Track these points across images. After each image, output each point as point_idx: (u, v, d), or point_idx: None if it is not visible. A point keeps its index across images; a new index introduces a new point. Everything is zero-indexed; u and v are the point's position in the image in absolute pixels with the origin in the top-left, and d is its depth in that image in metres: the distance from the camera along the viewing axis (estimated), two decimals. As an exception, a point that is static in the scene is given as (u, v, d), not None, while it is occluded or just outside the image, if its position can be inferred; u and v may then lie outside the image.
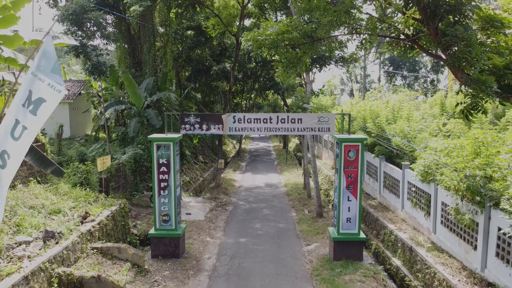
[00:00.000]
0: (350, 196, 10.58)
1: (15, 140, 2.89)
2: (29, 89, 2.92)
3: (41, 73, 2.96)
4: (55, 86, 3.01)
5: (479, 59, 5.85)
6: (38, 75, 2.96)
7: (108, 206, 11.63)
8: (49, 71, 2.97)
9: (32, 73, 2.94)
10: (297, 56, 8.62)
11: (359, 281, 9.29)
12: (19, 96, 2.91)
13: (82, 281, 8.21)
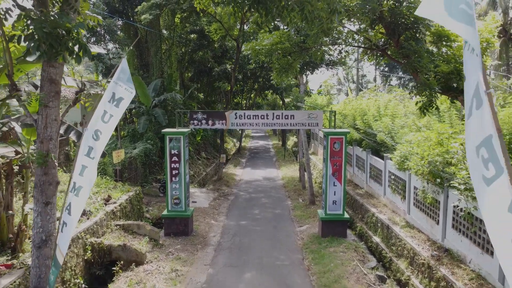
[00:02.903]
0: (336, 181, 12.29)
1: (104, 123, 4.58)
2: (113, 92, 4.57)
3: (120, 81, 4.61)
4: (129, 89, 4.68)
5: (427, 67, 7.54)
6: (118, 83, 4.61)
7: (126, 192, 13.36)
8: (125, 80, 4.64)
9: (114, 81, 4.61)
10: (289, 63, 10.32)
11: (341, 252, 11.01)
12: (105, 96, 4.57)
13: (110, 248, 9.93)
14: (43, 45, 3.92)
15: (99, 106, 4.41)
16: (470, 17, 2.50)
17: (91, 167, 4.64)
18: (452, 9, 2.57)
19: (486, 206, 2.32)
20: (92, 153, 4.60)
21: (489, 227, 2.34)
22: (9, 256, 7.77)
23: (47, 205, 4.89)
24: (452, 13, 2.56)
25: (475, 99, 2.36)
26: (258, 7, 5.20)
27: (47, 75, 4.63)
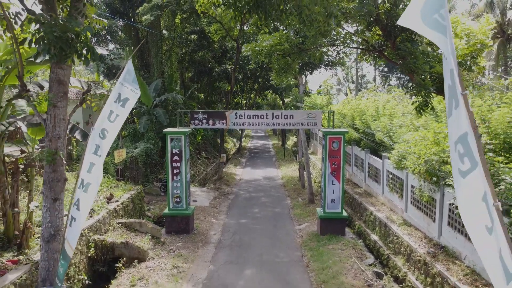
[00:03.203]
0: (334, 180, 12.50)
1: (111, 122, 4.79)
2: (119, 92, 4.77)
3: (126, 82, 4.82)
4: (134, 90, 4.88)
5: (422, 68, 7.75)
6: (124, 84, 4.81)
7: (127, 191, 13.57)
8: (131, 82, 4.84)
9: (120, 82, 4.81)
10: (288, 63, 10.52)
11: (340, 249, 11.21)
12: (111, 96, 4.77)
13: (113, 246, 10.13)
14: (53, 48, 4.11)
15: (105, 106, 4.62)
16: (443, 27, 2.73)
17: (98, 164, 4.84)
18: (427, 19, 2.81)
19: (461, 197, 2.54)
20: (99, 151, 4.81)
21: (464, 216, 2.56)
22: (15, 252, 7.97)
23: (55, 201, 5.09)
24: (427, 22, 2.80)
25: (453, 100, 2.58)
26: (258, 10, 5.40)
27: (56, 76, 4.83)
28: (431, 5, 2.82)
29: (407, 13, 3.11)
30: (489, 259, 2.33)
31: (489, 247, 2.29)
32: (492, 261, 2.26)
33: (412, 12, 2.98)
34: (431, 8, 2.82)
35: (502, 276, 2.18)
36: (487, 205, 2.25)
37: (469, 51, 8.57)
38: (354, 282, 9.02)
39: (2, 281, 6.82)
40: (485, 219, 2.27)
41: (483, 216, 2.28)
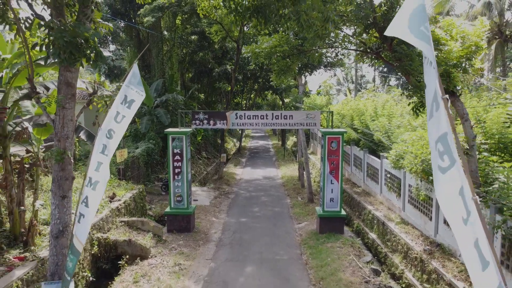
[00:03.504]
0: (333, 179, 12.71)
1: (117, 123, 5.00)
2: (125, 94, 4.98)
3: (132, 85, 5.03)
4: (140, 92, 5.10)
5: (417, 70, 7.96)
6: (130, 86, 5.02)
7: (129, 190, 13.78)
8: (136, 84, 5.06)
9: (126, 85, 5.02)
10: (287, 65, 10.74)
11: (338, 247, 11.42)
12: (118, 98, 4.98)
13: (116, 243, 10.34)
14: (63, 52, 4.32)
15: (112, 108, 4.83)
16: (427, 37, 3.01)
17: (106, 163, 5.06)
18: (414, 30, 3.07)
19: (440, 191, 2.77)
20: (106, 150, 5.02)
21: (443, 208, 2.79)
22: (21, 249, 8.18)
23: (63, 199, 5.30)
24: (414, 33, 3.06)
25: (434, 103, 2.81)
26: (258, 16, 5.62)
27: (64, 79, 5.03)
28: (417, 19, 3.08)
29: (394, 24, 3.37)
30: (465, 247, 2.54)
31: (465, 236, 2.51)
32: (468, 249, 2.48)
33: (400, 24, 3.24)
34: (418, 21, 3.08)
35: (477, 263, 2.39)
36: (463, 198, 2.47)
37: (464, 53, 8.78)
38: (351, 279, 9.23)
39: (9, 277, 7.04)
40: (462, 211, 2.49)
41: (459, 208, 2.50)
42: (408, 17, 3.19)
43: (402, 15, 3.31)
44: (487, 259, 2.34)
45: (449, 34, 9.16)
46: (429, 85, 2.92)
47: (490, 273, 2.31)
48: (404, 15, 3.26)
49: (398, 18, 3.36)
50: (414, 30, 3.09)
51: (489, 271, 2.32)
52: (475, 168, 9.27)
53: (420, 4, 3.19)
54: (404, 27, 3.18)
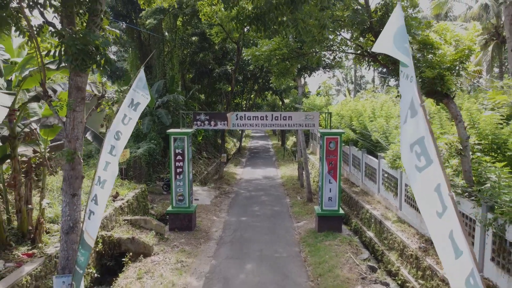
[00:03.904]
0: (331, 179, 13.00)
1: (124, 125, 5.30)
2: (132, 98, 5.28)
3: (138, 89, 5.33)
4: (145, 95, 5.40)
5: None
6: (136, 90, 5.33)
7: (132, 189, 14.07)
8: (142, 88, 5.36)
9: (133, 89, 5.33)
10: (287, 67, 11.02)
11: (336, 245, 11.72)
12: (125, 102, 5.27)
13: (120, 241, 10.63)
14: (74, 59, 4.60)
15: (120, 111, 5.13)
16: (410, 54, 3.33)
17: (113, 163, 5.35)
18: (400, 47, 3.40)
19: (417, 187, 3.08)
20: (114, 151, 5.31)
21: (419, 203, 3.09)
22: (29, 246, 8.47)
23: (74, 196, 5.58)
24: (400, 49, 3.40)
25: (409, 111, 3.11)
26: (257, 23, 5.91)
27: (74, 83, 5.32)
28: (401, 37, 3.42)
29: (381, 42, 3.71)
30: (438, 238, 2.84)
31: (439, 228, 2.80)
32: (442, 240, 2.77)
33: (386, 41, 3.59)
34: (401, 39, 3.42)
35: (451, 252, 2.67)
36: (439, 194, 2.76)
37: (457, 56, 9.05)
38: (348, 275, 9.52)
39: (19, 272, 7.34)
40: (437, 206, 2.78)
41: (434, 203, 2.80)
42: (393, 35, 3.52)
43: (387, 34, 3.65)
44: (461, 249, 2.62)
45: (443, 38, 9.45)
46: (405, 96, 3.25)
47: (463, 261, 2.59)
48: (389, 33, 3.60)
49: (384, 36, 3.70)
50: (399, 47, 3.43)
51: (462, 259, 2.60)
52: (468, 168, 9.55)
53: (402, 25, 3.52)
54: (390, 44, 3.51)
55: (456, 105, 9.49)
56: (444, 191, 2.72)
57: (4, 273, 7.28)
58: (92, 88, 8.63)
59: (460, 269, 2.60)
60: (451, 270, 2.72)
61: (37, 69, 7.02)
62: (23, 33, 5.07)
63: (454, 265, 2.67)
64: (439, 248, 2.87)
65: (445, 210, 2.71)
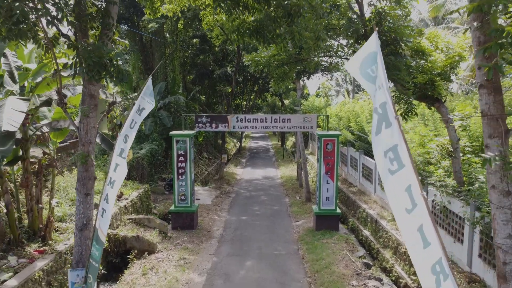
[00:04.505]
0: (329, 179, 13.44)
1: (131, 129, 5.74)
2: (139, 104, 5.75)
3: (145, 95, 5.79)
4: (150, 102, 5.83)
5: (403, 79, 8.69)
6: (144, 97, 5.80)
7: (135, 189, 14.51)
8: (148, 94, 5.80)
9: (142, 96, 5.79)
10: (285, 72, 11.46)
11: (333, 243, 12.16)
12: (134, 108, 5.71)
13: (125, 239, 11.07)
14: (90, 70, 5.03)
15: (129, 117, 5.58)
16: (372, 78, 3.79)
17: (122, 164, 5.79)
18: (363, 71, 3.87)
19: (389, 188, 3.53)
20: (123, 153, 5.76)
21: (391, 201, 3.54)
22: (40, 243, 8.91)
23: (87, 196, 6.02)
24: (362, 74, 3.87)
25: (384, 122, 3.56)
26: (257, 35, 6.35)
27: (88, 91, 5.75)
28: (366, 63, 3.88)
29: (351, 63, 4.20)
30: (407, 231, 3.28)
31: (408, 223, 3.25)
32: (410, 233, 3.20)
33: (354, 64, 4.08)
34: (367, 65, 3.87)
35: (419, 243, 3.10)
36: (409, 193, 3.19)
37: (448, 62, 9.50)
38: (344, 271, 9.96)
39: (32, 268, 7.78)
40: (406, 203, 3.21)
41: (404, 202, 3.24)
42: (361, 60, 4.01)
43: (357, 58, 4.16)
44: (429, 241, 3.04)
45: (435, 45, 9.89)
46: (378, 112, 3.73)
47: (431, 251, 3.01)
48: (359, 58, 4.10)
49: (354, 59, 4.21)
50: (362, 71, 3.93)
51: (429, 249, 3.02)
52: (459, 169, 10.00)
53: (373, 51, 3.97)
54: (356, 68, 4.02)
55: (447, 108, 9.94)
56: (415, 191, 3.15)
57: (18, 268, 7.72)
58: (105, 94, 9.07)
59: (427, 258, 3.03)
60: (418, 258, 3.16)
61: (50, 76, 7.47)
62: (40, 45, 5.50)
63: (421, 255, 3.10)
64: (407, 240, 3.31)
65: (415, 207, 3.14)
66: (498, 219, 3.82)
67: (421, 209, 3.11)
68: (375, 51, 3.91)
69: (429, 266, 2.99)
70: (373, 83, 3.82)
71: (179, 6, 8.62)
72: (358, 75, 4.02)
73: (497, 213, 3.83)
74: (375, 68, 3.82)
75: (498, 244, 3.83)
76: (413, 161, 9.77)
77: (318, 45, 6.78)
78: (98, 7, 5.43)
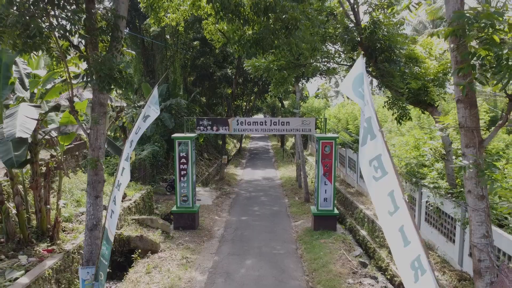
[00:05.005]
0: (327, 181, 13.81)
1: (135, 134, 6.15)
2: (145, 112, 6.11)
3: (151, 104, 6.17)
4: (155, 110, 6.21)
5: (397, 86, 9.06)
6: (149, 105, 6.18)
7: (138, 190, 14.88)
8: (154, 103, 6.20)
9: (148, 105, 6.17)
10: (284, 77, 11.83)
11: (331, 243, 12.53)
12: (141, 116, 6.10)
13: (129, 239, 11.44)
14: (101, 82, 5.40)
15: (136, 124, 5.96)
16: (362, 95, 4.18)
17: (127, 168, 6.18)
18: (355, 90, 4.27)
19: (374, 192, 3.90)
20: (128, 158, 6.14)
21: (375, 204, 3.91)
22: (48, 243, 9.28)
23: (97, 198, 6.38)
24: (355, 92, 4.28)
25: (369, 135, 3.94)
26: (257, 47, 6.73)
27: (98, 100, 6.12)
28: (357, 83, 4.28)
29: (344, 85, 4.60)
30: (389, 231, 3.65)
31: (390, 224, 3.62)
32: (392, 233, 3.58)
33: (347, 85, 4.47)
34: (357, 84, 4.27)
35: (400, 242, 3.47)
36: (391, 198, 3.57)
37: (441, 69, 9.87)
38: (341, 270, 10.33)
39: (42, 266, 8.15)
40: (389, 206, 3.59)
41: (387, 205, 3.61)
42: (352, 81, 4.44)
43: (349, 79, 4.60)
44: (409, 240, 3.41)
45: (429, 53, 10.26)
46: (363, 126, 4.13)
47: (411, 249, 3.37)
48: (350, 79, 4.55)
49: (347, 80, 4.67)
50: (355, 90, 4.36)
51: (409, 247, 3.38)
52: (451, 172, 10.37)
53: (360, 73, 4.38)
54: (349, 88, 4.46)
55: (440, 113, 10.31)
56: (397, 196, 3.53)
57: (28, 266, 8.09)
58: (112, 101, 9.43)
59: (407, 255, 3.40)
60: (399, 256, 3.53)
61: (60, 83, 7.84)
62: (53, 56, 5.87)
63: (402, 252, 3.47)
64: (389, 239, 3.69)
65: (397, 209, 3.52)
66: (474, 220, 4.19)
67: (403, 212, 3.48)
68: (362, 72, 4.31)
69: (409, 262, 3.36)
70: (363, 100, 4.23)
71: (182, 16, 8.98)
72: (351, 94, 4.45)
73: (473, 215, 4.20)
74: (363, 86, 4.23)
75: (474, 243, 4.20)
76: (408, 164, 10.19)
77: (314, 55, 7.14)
78: (107, 21, 5.79)
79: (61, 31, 5.45)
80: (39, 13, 5.31)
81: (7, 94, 7.95)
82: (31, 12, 5.32)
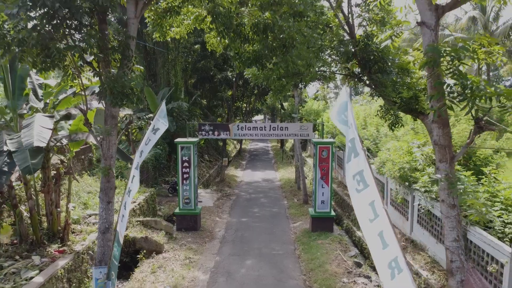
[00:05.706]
0: (324, 184, 14.34)
1: (146, 145, 6.66)
2: (154, 125, 6.64)
3: (159, 117, 6.73)
4: (164, 123, 6.76)
5: (389, 95, 9.58)
6: (158, 118, 6.71)
7: (142, 193, 15.40)
8: (162, 117, 6.75)
9: (156, 118, 6.70)
10: (283, 85, 12.34)
11: (328, 243, 13.06)
12: (150, 128, 6.65)
13: (134, 240, 11.97)
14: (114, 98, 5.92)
15: (145, 135, 6.49)
16: (345, 121, 4.72)
17: (137, 176, 6.71)
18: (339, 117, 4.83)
19: (356, 202, 4.45)
20: (138, 166, 6.67)
21: (357, 213, 4.46)
22: (59, 244, 9.81)
23: (109, 203, 6.91)
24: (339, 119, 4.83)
25: (353, 153, 4.48)
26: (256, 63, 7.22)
27: (110, 112, 6.64)
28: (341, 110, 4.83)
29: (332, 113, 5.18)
30: (369, 236, 4.18)
31: (370, 230, 4.15)
32: (372, 237, 4.10)
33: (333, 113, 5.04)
34: (341, 111, 4.83)
35: (379, 245, 4.00)
36: (372, 207, 4.10)
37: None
38: (336, 270, 10.86)
39: (55, 266, 8.68)
40: (369, 215, 4.12)
41: (368, 213, 4.14)
42: (337, 109, 5.01)
43: (335, 108, 5.17)
44: (388, 243, 3.92)
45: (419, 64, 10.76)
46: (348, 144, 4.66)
47: (389, 251, 3.89)
48: (336, 108, 5.12)
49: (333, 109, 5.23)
50: (339, 117, 4.94)
51: (387, 250, 3.90)
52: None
53: (344, 101, 4.94)
54: (335, 116, 5.03)
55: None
56: (378, 205, 4.06)
57: (42, 266, 8.62)
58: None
59: (385, 256, 3.92)
60: (378, 257, 4.06)
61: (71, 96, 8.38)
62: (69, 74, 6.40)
63: (381, 254, 4.00)
64: (369, 242, 4.22)
65: (377, 217, 4.04)
66: (447, 226, 4.71)
67: (383, 219, 4.01)
68: (346, 100, 4.87)
69: (387, 262, 3.89)
70: (346, 125, 4.78)
71: (186, 30, 9.49)
72: (336, 121, 5.05)
73: (446, 221, 4.71)
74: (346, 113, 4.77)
75: (447, 246, 4.71)
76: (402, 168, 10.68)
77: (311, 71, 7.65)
78: (119, 41, 6.30)
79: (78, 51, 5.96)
80: (58, 36, 5.83)
81: (22, 104, 8.47)
82: (50, 35, 5.84)
